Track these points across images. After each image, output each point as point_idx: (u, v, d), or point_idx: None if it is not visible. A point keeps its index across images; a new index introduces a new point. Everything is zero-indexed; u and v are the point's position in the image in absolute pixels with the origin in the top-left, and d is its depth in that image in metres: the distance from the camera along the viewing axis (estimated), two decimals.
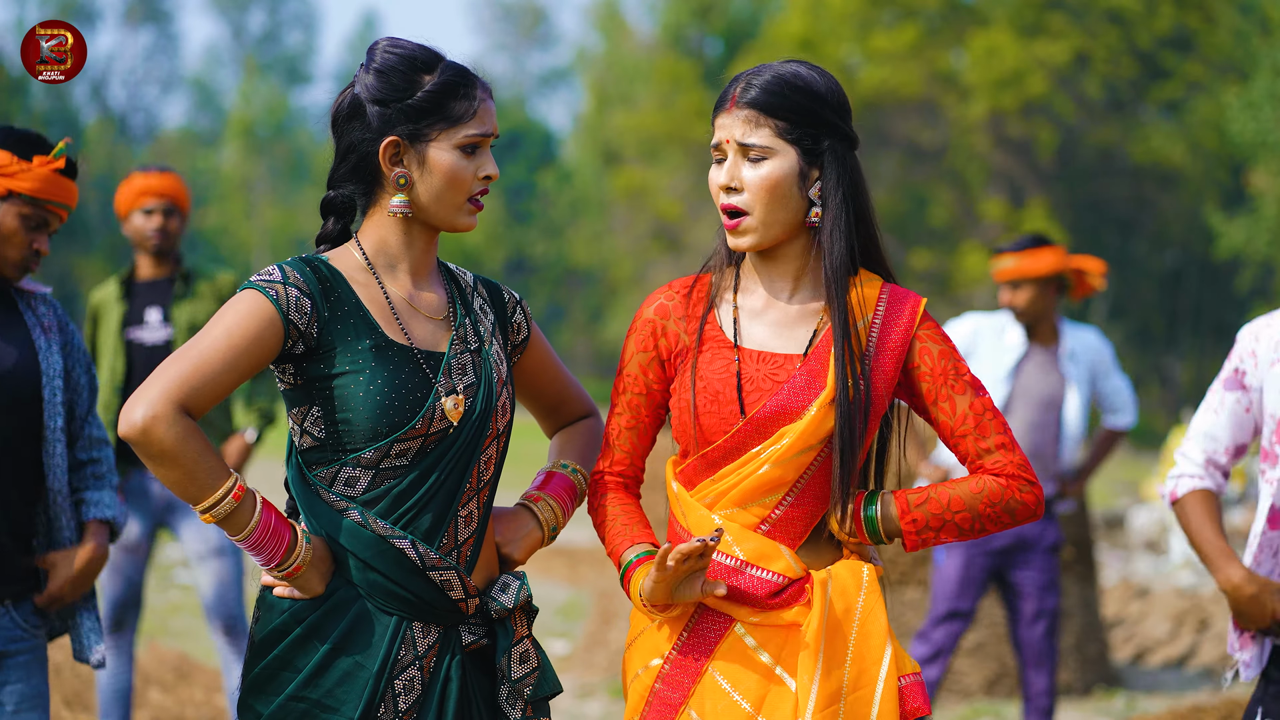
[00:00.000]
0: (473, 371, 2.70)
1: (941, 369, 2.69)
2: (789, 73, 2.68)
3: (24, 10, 48.81)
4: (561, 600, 10.37)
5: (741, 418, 2.66)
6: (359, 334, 2.62)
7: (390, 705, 2.61)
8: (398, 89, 2.65)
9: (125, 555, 5.58)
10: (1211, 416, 3.57)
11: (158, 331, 5.64)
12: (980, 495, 2.65)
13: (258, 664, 2.65)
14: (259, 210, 47.33)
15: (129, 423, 2.50)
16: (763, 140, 2.66)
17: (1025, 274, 5.95)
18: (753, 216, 2.67)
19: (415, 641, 2.63)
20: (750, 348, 2.71)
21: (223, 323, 2.58)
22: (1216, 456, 3.57)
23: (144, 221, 5.65)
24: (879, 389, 2.68)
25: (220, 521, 2.55)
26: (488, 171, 2.69)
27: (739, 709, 2.64)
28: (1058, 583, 5.96)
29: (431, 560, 2.62)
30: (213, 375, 2.54)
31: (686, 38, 42.80)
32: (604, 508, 2.81)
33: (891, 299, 2.71)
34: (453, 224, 2.70)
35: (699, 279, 2.80)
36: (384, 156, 2.66)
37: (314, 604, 2.62)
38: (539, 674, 2.73)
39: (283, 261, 2.66)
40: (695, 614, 2.70)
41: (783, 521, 2.67)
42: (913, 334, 2.70)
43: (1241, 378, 3.52)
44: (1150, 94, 32.87)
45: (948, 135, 32.48)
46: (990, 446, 2.68)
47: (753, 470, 2.65)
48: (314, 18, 57.03)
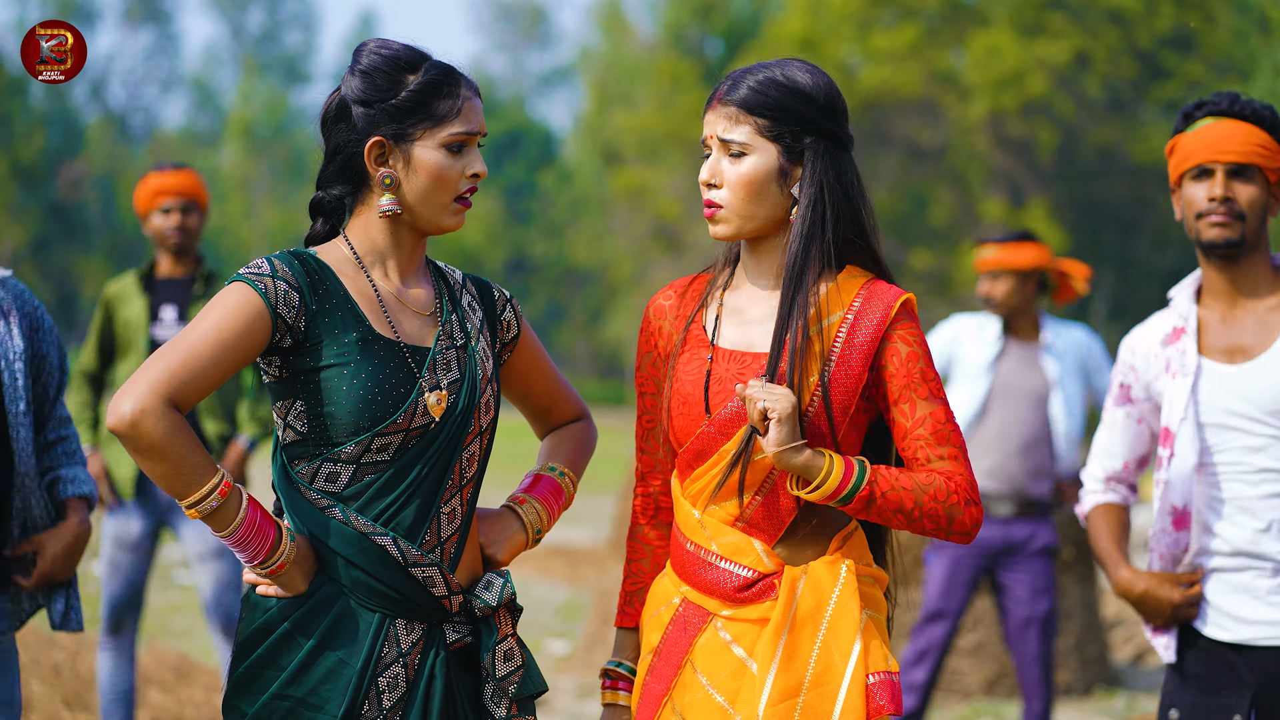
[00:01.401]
0: (457, 368, 2.70)
1: (907, 372, 2.67)
2: (778, 72, 2.71)
3: (24, 10, 48.84)
4: (561, 600, 10.37)
5: (706, 417, 2.69)
6: (346, 327, 2.63)
7: (375, 703, 2.61)
8: (382, 89, 2.66)
9: (127, 555, 5.58)
10: (1106, 434, 3.65)
11: (170, 329, 5.65)
12: (928, 488, 2.63)
13: (242, 663, 2.66)
14: (259, 210, 47.32)
15: (117, 416, 2.50)
16: (742, 137, 2.70)
17: (1005, 265, 5.96)
18: (727, 208, 2.71)
19: (399, 639, 2.64)
20: (725, 347, 2.74)
21: (211, 316, 2.58)
22: (1116, 472, 3.65)
23: (163, 221, 5.67)
24: (842, 385, 2.66)
25: (206, 518, 2.55)
26: (475, 170, 2.69)
27: (713, 702, 2.67)
28: (1051, 588, 5.88)
29: (413, 557, 2.62)
30: (200, 369, 2.54)
31: (687, 37, 42.78)
32: (630, 539, 2.91)
33: (869, 295, 2.70)
34: (439, 224, 2.70)
35: (696, 278, 2.84)
36: (369, 157, 2.67)
37: (297, 602, 2.62)
38: (523, 672, 2.73)
39: (271, 255, 2.66)
40: (680, 608, 2.74)
41: (756, 518, 2.69)
42: (884, 331, 2.68)
43: (1127, 391, 3.58)
44: (1150, 94, 32.86)
45: (948, 135, 32.47)
46: (943, 455, 2.66)
47: (721, 470, 2.68)
48: (312, 17, 57.06)
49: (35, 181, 43.72)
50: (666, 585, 2.78)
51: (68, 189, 44.62)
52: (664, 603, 2.77)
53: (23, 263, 44.13)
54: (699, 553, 2.72)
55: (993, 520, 5.84)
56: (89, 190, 46.26)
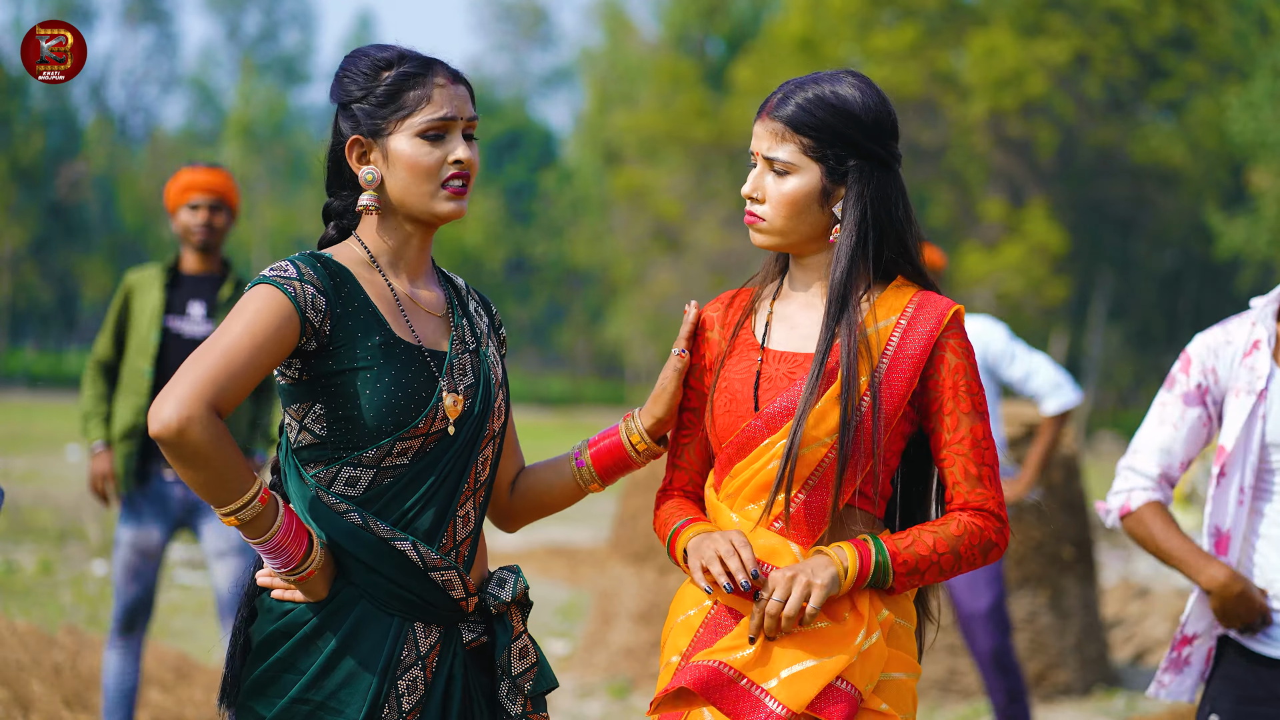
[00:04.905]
0: (472, 372, 2.70)
1: (954, 384, 2.70)
2: (828, 89, 2.72)
3: (23, 10, 48.84)
4: (561, 600, 10.37)
5: (754, 414, 2.70)
6: (369, 330, 2.62)
7: (394, 706, 2.61)
8: (361, 89, 2.67)
9: (144, 560, 5.58)
10: (1170, 431, 3.52)
11: (199, 326, 5.66)
12: (962, 538, 2.67)
13: (258, 666, 2.65)
14: (258, 210, 47.29)
15: (162, 422, 2.43)
16: (786, 156, 2.71)
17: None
18: (768, 222, 2.73)
19: (417, 642, 2.64)
20: (775, 349, 2.75)
21: (242, 319, 2.54)
22: (1171, 471, 3.55)
23: (190, 216, 5.68)
24: (893, 393, 2.69)
25: (243, 525, 2.52)
26: (457, 155, 2.66)
27: None
28: (994, 582, 5.81)
29: (433, 561, 2.62)
30: (239, 373, 2.50)
31: (689, 37, 42.81)
32: (663, 509, 2.85)
33: (921, 304, 2.73)
34: (432, 212, 2.67)
35: (741, 290, 2.87)
36: (351, 157, 2.68)
37: (316, 606, 2.62)
38: (537, 669, 2.74)
39: (292, 257, 2.64)
40: (711, 610, 2.73)
41: (796, 519, 2.69)
42: (937, 339, 2.71)
43: (1204, 394, 3.50)
44: (1150, 94, 32.88)
45: (948, 135, 32.49)
46: (979, 475, 2.70)
47: (764, 464, 2.68)
48: (310, 17, 57.06)
49: (35, 182, 43.75)
50: (694, 590, 2.77)
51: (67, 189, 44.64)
52: (694, 605, 2.76)
53: (23, 263, 44.16)
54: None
55: None
56: (89, 190, 46.28)
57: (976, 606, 5.82)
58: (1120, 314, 36.38)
